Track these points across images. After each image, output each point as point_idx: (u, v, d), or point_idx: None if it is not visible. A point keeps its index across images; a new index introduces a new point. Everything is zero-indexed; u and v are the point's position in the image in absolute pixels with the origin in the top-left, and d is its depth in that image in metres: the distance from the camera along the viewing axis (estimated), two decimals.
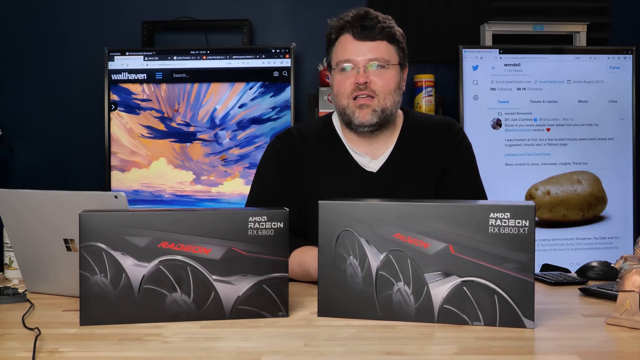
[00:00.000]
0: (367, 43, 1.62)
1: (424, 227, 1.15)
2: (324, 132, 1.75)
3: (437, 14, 3.59)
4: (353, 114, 1.63)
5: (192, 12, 3.63)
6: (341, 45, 1.65)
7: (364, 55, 1.61)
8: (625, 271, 1.15)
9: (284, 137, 1.76)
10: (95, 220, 1.14)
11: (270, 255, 1.19)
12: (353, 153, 1.71)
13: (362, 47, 1.62)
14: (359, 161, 1.70)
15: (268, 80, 3.36)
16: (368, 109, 1.62)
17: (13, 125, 3.67)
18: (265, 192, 1.70)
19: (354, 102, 1.63)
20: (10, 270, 1.59)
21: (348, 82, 1.62)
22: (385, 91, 1.62)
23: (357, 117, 1.63)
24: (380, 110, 1.63)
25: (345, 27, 1.64)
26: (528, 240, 1.12)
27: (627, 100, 3.38)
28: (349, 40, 1.63)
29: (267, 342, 1.06)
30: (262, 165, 1.76)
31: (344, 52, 1.63)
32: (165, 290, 1.16)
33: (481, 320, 1.14)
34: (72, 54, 3.68)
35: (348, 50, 1.63)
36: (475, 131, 3.34)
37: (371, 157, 1.71)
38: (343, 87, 1.63)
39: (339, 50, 1.65)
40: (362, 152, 1.71)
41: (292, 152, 1.71)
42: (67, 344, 1.05)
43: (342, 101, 1.65)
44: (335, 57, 1.66)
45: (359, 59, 1.61)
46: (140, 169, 3.41)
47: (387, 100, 1.63)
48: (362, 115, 1.62)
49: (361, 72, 1.61)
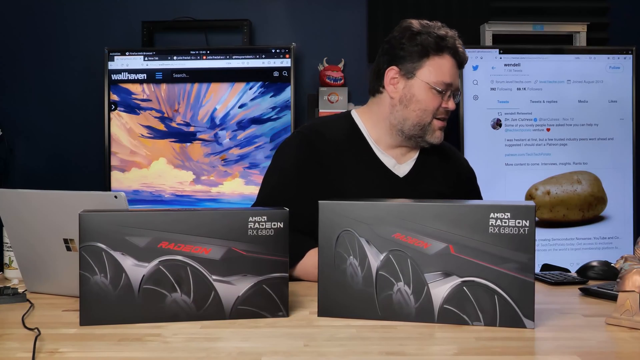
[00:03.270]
0: (458, 71, 1.70)
1: (424, 227, 1.15)
2: (348, 129, 1.73)
3: (437, 14, 3.59)
4: (433, 133, 1.69)
5: (192, 12, 3.63)
6: (444, 66, 1.66)
7: (457, 83, 1.69)
8: (625, 271, 1.15)
9: (308, 132, 1.71)
10: (95, 220, 1.14)
11: (270, 255, 1.19)
12: (379, 153, 1.71)
13: (456, 75, 1.69)
14: (385, 162, 1.71)
15: (268, 80, 3.36)
16: (443, 131, 1.71)
17: (13, 125, 3.67)
18: (285, 189, 1.65)
19: (438, 122, 1.69)
20: (10, 270, 1.59)
21: (439, 103, 1.66)
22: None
23: (437, 137, 1.69)
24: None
25: (450, 48, 1.66)
26: (528, 240, 1.12)
27: (627, 100, 3.39)
28: (452, 65, 1.67)
29: (267, 342, 1.06)
30: (282, 161, 1.70)
31: (447, 75, 1.66)
32: (165, 291, 1.16)
33: (481, 320, 1.14)
34: (72, 54, 3.68)
35: (450, 75, 1.66)
36: (475, 131, 3.34)
37: (397, 161, 1.72)
38: (433, 106, 1.66)
39: (441, 70, 1.65)
40: (389, 154, 1.72)
41: (317, 151, 1.67)
42: (67, 344, 1.05)
43: (426, 117, 1.67)
44: (433, 74, 1.65)
45: (454, 86, 1.68)
46: (140, 169, 3.41)
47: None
48: (440, 135, 1.70)
49: (452, 100, 1.68)
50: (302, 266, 1.55)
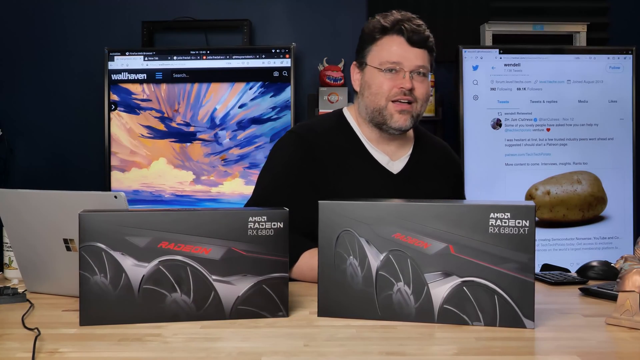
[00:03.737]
0: (416, 50, 1.63)
1: (424, 227, 1.15)
2: (340, 127, 1.73)
3: (437, 14, 3.59)
4: (391, 117, 1.64)
5: (192, 12, 3.63)
6: (390, 46, 1.63)
7: (412, 61, 1.62)
8: (625, 271, 1.15)
9: (301, 132, 1.71)
10: (95, 220, 1.14)
11: (270, 255, 1.19)
12: (372, 150, 1.71)
13: (411, 53, 1.62)
14: (379, 159, 1.70)
15: (268, 80, 3.36)
16: (407, 115, 1.64)
17: (13, 125, 3.67)
18: (276, 191, 1.64)
19: (394, 105, 1.63)
20: (10, 270, 1.59)
21: (392, 84, 1.62)
22: (422, 99, 1.66)
23: (396, 121, 1.64)
24: (415, 117, 1.66)
25: (394, 27, 1.63)
26: (528, 240, 1.12)
27: (627, 100, 3.39)
28: (399, 43, 1.63)
29: (267, 342, 1.06)
30: (275, 161, 1.70)
31: (394, 54, 1.62)
32: (165, 291, 1.16)
33: (481, 321, 1.14)
34: (72, 54, 3.68)
35: (397, 53, 1.62)
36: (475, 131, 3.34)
37: (390, 157, 1.71)
38: (384, 89, 1.63)
39: (387, 51, 1.63)
40: (382, 151, 1.71)
41: (312, 148, 1.67)
42: (67, 344, 1.05)
43: (380, 101, 1.64)
44: (380, 56, 1.64)
45: (407, 64, 1.62)
46: (140, 169, 3.41)
47: (422, 108, 1.67)
48: (403, 120, 1.64)
49: (407, 78, 1.62)
50: (298, 269, 1.54)
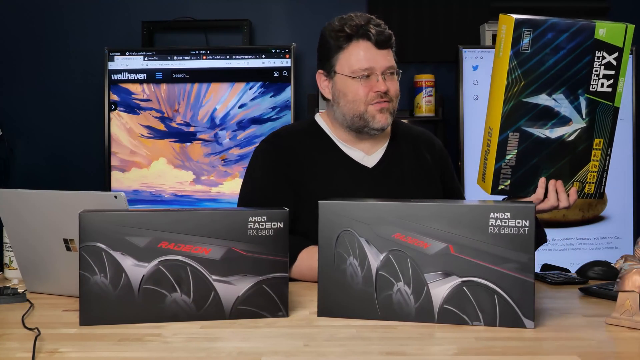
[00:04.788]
0: (383, 51, 1.64)
1: (424, 227, 1.15)
2: (312, 132, 1.76)
3: (437, 14, 3.59)
4: (373, 118, 1.65)
5: (192, 12, 3.63)
6: (358, 52, 1.63)
7: (382, 63, 1.64)
8: (625, 271, 1.15)
9: (273, 139, 1.76)
10: (95, 220, 1.14)
11: (270, 255, 1.19)
12: (346, 149, 1.72)
13: (380, 55, 1.64)
14: (353, 156, 1.72)
15: (268, 80, 3.36)
16: (387, 113, 1.66)
17: (13, 125, 3.67)
18: (258, 195, 1.69)
19: (374, 107, 1.65)
20: (10, 270, 1.59)
21: (367, 89, 1.63)
22: (396, 96, 1.68)
23: (378, 121, 1.65)
24: (393, 113, 1.69)
25: (359, 33, 1.63)
26: (528, 240, 1.12)
27: (627, 100, 3.38)
28: (369, 48, 1.63)
29: (267, 342, 1.06)
30: (252, 169, 1.74)
31: (364, 59, 1.63)
32: (165, 291, 1.16)
33: (481, 321, 1.14)
34: (72, 54, 3.68)
35: (368, 58, 1.63)
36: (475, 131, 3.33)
37: (365, 152, 1.72)
38: (361, 95, 1.64)
39: (356, 58, 1.63)
40: (356, 148, 1.73)
41: (284, 154, 1.71)
42: (67, 344, 1.05)
43: (359, 107, 1.65)
44: (350, 64, 1.64)
45: (379, 67, 1.63)
46: (140, 169, 3.41)
47: (397, 104, 1.70)
48: (384, 119, 1.66)
49: (381, 81, 1.63)
50: (297, 269, 1.56)
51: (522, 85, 1.47)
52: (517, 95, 1.47)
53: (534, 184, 1.52)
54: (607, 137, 1.52)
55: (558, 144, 1.50)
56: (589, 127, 1.51)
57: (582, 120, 1.50)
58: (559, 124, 1.50)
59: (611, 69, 1.48)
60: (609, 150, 1.52)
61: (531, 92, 1.47)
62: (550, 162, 1.52)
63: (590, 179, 1.53)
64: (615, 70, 1.48)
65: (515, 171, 1.51)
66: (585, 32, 1.47)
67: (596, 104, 1.49)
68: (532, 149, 1.50)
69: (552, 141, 1.50)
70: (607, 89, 1.49)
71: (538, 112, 1.48)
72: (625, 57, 1.48)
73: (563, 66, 1.47)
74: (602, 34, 1.46)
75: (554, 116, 1.49)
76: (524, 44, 1.46)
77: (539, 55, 1.46)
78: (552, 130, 1.50)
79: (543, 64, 1.47)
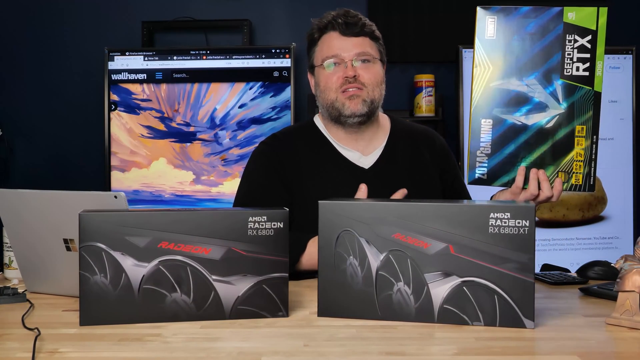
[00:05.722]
0: (352, 39, 1.66)
1: (424, 227, 1.15)
2: (309, 133, 1.77)
3: (437, 14, 3.59)
4: (343, 106, 1.65)
5: (192, 12, 3.63)
6: (326, 42, 1.68)
7: (350, 50, 1.65)
8: (625, 271, 1.15)
9: (270, 141, 1.77)
10: (95, 220, 1.14)
11: (270, 255, 1.19)
12: (341, 149, 1.72)
13: (347, 43, 1.65)
14: (349, 157, 1.71)
15: (268, 80, 3.36)
16: (358, 99, 1.65)
17: (13, 125, 3.68)
18: (254, 196, 1.69)
19: (343, 94, 1.65)
20: (10, 270, 1.59)
21: (335, 77, 1.65)
22: (373, 83, 1.66)
23: (348, 107, 1.65)
24: (369, 101, 1.66)
25: (328, 25, 1.68)
26: (528, 240, 1.12)
27: (627, 100, 3.38)
28: (335, 37, 1.67)
29: (267, 342, 1.06)
30: (249, 170, 1.75)
31: (330, 48, 1.66)
32: (165, 291, 1.16)
33: (481, 321, 1.14)
34: (72, 54, 3.68)
35: (334, 47, 1.66)
36: None
37: (361, 153, 1.72)
38: (331, 82, 1.66)
39: (325, 48, 1.68)
40: (351, 148, 1.72)
41: (280, 156, 1.71)
42: (67, 344, 1.05)
43: (330, 95, 1.66)
44: (320, 54, 1.69)
45: (346, 54, 1.65)
46: (140, 169, 3.41)
47: (375, 92, 1.67)
48: (354, 105, 1.65)
49: (349, 66, 1.64)
50: (309, 255, 1.55)
51: (490, 71, 1.47)
52: (487, 81, 1.47)
53: (513, 174, 1.51)
54: (589, 124, 1.48)
55: (536, 131, 1.48)
56: (569, 113, 1.48)
57: (560, 106, 1.48)
58: (535, 110, 1.48)
59: (586, 52, 1.47)
60: (595, 138, 1.48)
61: (500, 77, 1.48)
62: (529, 150, 1.49)
63: (576, 169, 1.49)
64: (590, 54, 1.47)
65: (491, 159, 1.50)
66: (553, 16, 1.47)
67: (573, 88, 1.47)
68: (507, 136, 1.49)
69: (530, 128, 1.49)
70: (583, 72, 1.47)
71: (510, 98, 1.48)
72: (601, 40, 1.47)
73: (532, 51, 1.47)
74: (571, 18, 1.46)
75: (528, 102, 1.48)
76: (489, 30, 1.46)
77: (506, 41, 1.47)
78: (527, 116, 1.48)
79: (510, 50, 1.47)
